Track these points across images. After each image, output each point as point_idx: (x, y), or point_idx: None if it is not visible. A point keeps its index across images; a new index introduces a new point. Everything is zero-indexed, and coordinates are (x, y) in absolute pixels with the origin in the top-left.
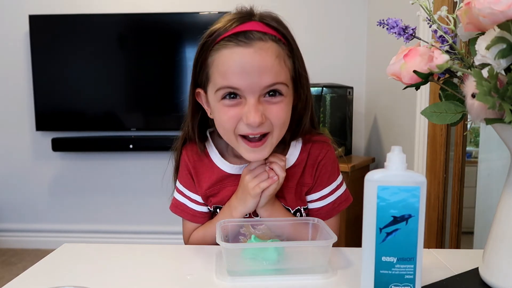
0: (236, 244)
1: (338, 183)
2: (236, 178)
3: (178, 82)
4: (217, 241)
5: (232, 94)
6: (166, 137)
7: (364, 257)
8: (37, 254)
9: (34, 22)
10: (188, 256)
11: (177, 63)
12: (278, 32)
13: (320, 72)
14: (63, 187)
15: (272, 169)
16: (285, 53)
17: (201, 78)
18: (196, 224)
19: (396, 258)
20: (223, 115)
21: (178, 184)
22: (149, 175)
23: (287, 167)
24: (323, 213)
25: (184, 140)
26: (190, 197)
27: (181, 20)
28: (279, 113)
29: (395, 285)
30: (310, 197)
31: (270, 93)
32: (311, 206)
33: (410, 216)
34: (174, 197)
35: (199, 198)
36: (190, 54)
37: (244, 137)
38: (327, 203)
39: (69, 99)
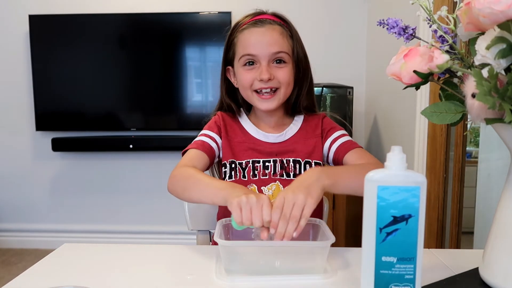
0: (233, 242)
1: (345, 132)
2: (255, 141)
3: (178, 82)
4: (215, 239)
5: (250, 61)
6: (166, 137)
7: (364, 257)
8: (37, 254)
9: (34, 22)
10: (188, 256)
11: (177, 63)
12: (282, 21)
13: (320, 72)
14: (63, 187)
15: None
16: (287, 34)
17: (229, 56)
18: (200, 154)
19: (396, 258)
20: (243, 77)
21: (202, 131)
22: (149, 175)
23: (293, 133)
24: (347, 146)
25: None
26: (206, 134)
27: (181, 20)
28: (283, 74)
29: (395, 285)
30: (326, 144)
31: (277, 61)
32: (331, 150)
33: (410, 216)
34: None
35: (214, 135)
36: (190, 54)
37: (258, 92)
38: (344, 140)
39: (69, 99)
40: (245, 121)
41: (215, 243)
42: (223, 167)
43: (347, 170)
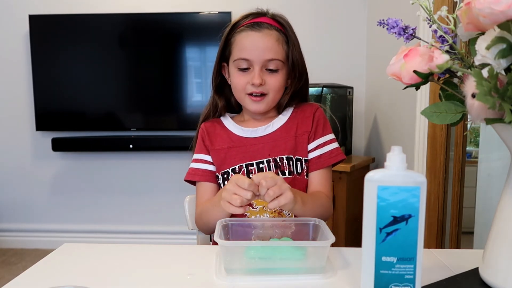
0: (233, 242)
1: (333, 137)
2: (241, 140)
3: (178, 82)
4: (215, 239)
5: (245, 66)
6: (166, 137)
7: (364, 257)
8: (37, 254)
9: (34, 22)
10: (188, 256)
11: (177, 63)
12: (280, 25)
13: (320, 72)
14: (63, 187)
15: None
16: (283, 40)
17: (225, 54)
18: (207, 187)
19: (396, 258)
20: (237, 79)
21: (194, 155)
22: (149, 175)
23: (282, 123)
24: (322, 161)
25: (204, 118)
26: (200, 159)
27: (181, 20)
28: (274, 81)
29: (395, 285)
30: (310, 146)
31: (270, 69)
32: (311, 155)
33: (410, 216)
34: (189, 167)
35: (208, 158)
36: (190, 54)
37: (249, 95)
38: (324, 152)
39: (69, 99)
40: (229, 123)
41: (215, 243)
42: (217, 179)
43: (311, 198)
